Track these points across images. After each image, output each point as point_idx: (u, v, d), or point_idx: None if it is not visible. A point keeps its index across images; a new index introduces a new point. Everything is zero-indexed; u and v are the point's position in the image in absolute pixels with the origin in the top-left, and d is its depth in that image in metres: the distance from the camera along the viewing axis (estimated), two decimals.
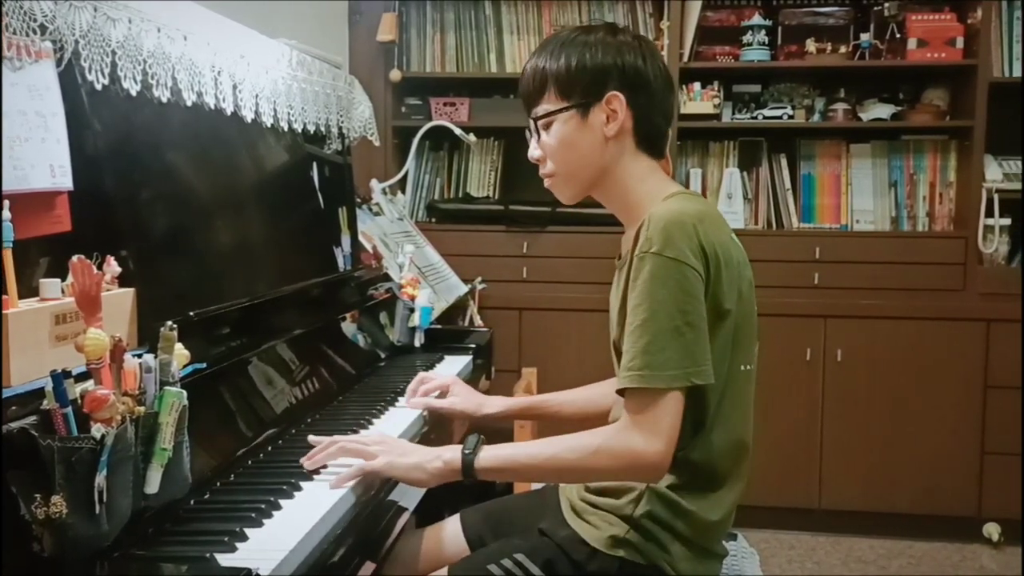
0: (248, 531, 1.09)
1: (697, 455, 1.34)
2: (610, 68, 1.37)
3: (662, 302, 1.25)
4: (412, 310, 2.31)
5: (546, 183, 1.47)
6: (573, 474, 1.37)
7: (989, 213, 3.12)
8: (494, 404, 1.72)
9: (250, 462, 1.37)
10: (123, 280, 1.25)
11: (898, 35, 3.24)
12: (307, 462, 1.34)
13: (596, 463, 1.28)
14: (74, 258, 1.07)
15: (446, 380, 1.79)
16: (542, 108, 1.41)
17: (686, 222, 1.28)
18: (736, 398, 1.36)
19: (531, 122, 1.44)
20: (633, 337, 1.26)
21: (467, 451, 1.33)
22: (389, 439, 1.42)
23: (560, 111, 1.39)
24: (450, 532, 1.62)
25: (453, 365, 2.20)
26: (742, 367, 1.37)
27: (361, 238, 2.44)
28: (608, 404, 1.53)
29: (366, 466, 1.33)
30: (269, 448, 1.45)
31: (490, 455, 1.33)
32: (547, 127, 1.41)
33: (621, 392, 1.29)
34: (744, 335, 1.36)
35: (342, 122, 2.23)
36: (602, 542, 1.36)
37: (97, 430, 0.95)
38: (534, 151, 1.45)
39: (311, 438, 1.40)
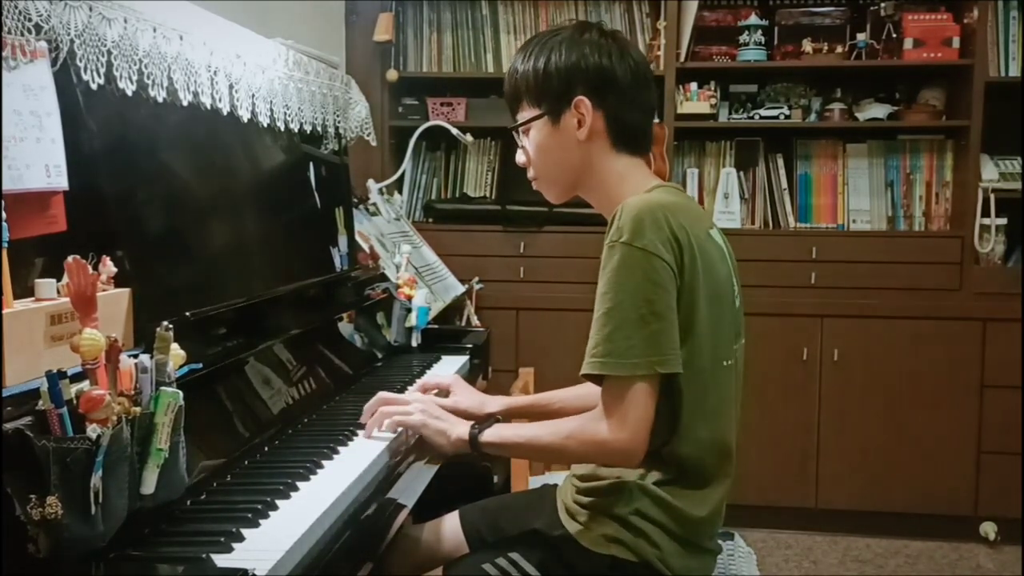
0: (245, 531, 1.09)
1: (680, 450, 1.34)
2: (574, 71, 1.39)
3: (628, 291, 1.26)
4: (409, 310, 2.31)
5: (533, 185, 1.51)
6: (552, 455, 1.46)
7: (985, 213, 3.12)
8: (495, 403, 1.72)
9: (247, 462, 1.37)
10: (119, 280, 1.24)
11: (894, 35, 3.24)
12: (367, 431, 1.51)
13: (568, 447, 1.35)
14: (69, 258, 1.06)
15: (447, 380, 1.79)
16: (520, 116, 1.46)
17: (657, 212, 1.29)
18: (717, 394, 1.37)
19: (513, 130, 1.48)
20: (598, 324, 1.29)
21: (475, 428, 1.45)
22: (427, 399, 1.56)
23: (534, 119, 1.43)
24: (448, 529, 1.63)
25: (450, 365, 2.20)
26: (724, 363, 1.38)
27: (358, 238, 2.43)
28: None
29: (405, 419, 1.48)
30: (266, 448, 1.44)
31: (491, 432, 1.44)
32: (526, 133, 1.46)
33: (592, 379, 1.32)
34: (722, 330, 1.36)
35: (339, 122, 2.23)
36: (593, 541, 1.37)
37: (93, 430, 0.95)
38: (519, 156, 1.50)
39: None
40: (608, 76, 1.39)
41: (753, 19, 3.29)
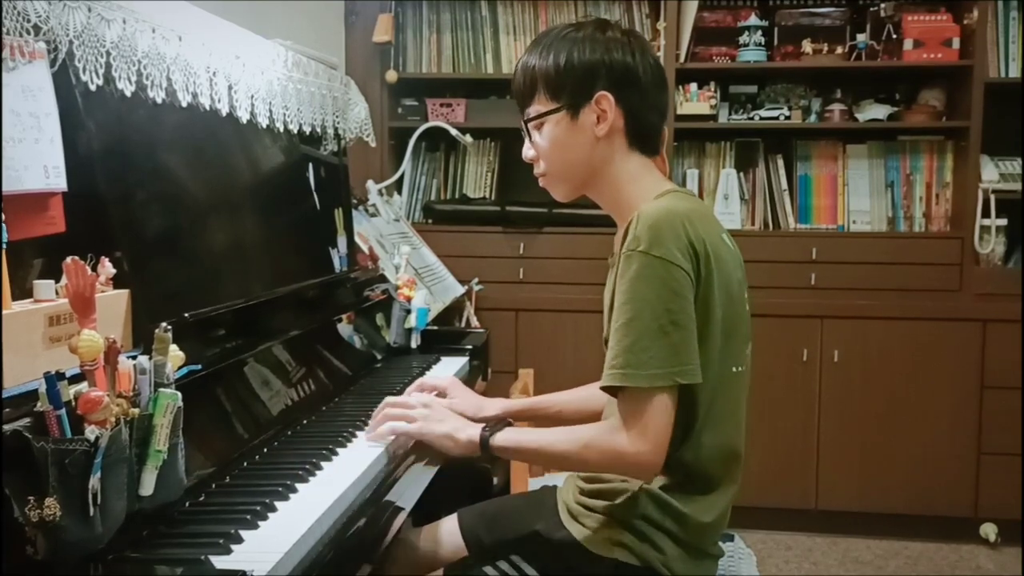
0: (243, 533, 1.09)
1: (688, 456, 1.33)
2: (598, 67, 1.37)
3: (648, 301, 1.25)
4: (408, 311, 2.31)
5: (540, 181, 1.48)
6: (567, 463, 1.42)
7: (985, 213, 3.12)
8: (493, 406, 1.71)
9: (246, 464, 1.37)
10: (117, 281, 1.24)
11: (894, 36, 3.24)
12: (368, 436, 1.49)
13: (586, 456, 1.32)
14: (68, 259, 1.06)
15: (444, 382, 1.78)
16: (533, 109, 1.42)
17: (675, 220, 1.28)
18: (727, 400, 1.36)
19: (523, 123, 1.44)
20: (618, 336, 1.27)
21: (486, 430, 1.41)
22: (433, 403, 1.52)
23: (550, 112, 1.40)
24: (447, 532, 1.62)
25: (449, 366, 2.20)
26: (733, 368, 1.37)
27: (357, 239, 2.43)
28: (603, 402, 1.53)
29: (401, 427, 1.46)
30: (265, 450, 1.44)
31: (503, 436, 1.40)
32: (539, 128, 1.42)
33: (607, 391, 1.30)
34: (734, 336, 1.35)
35: (338, 123, 2.22)
36: (596, 544, 1.36)
37: (91, 432, 0.95)
38: (527, 151, 1.46)
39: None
40: (632, 74, 1.38)
41: (753, 20, 3.29)
